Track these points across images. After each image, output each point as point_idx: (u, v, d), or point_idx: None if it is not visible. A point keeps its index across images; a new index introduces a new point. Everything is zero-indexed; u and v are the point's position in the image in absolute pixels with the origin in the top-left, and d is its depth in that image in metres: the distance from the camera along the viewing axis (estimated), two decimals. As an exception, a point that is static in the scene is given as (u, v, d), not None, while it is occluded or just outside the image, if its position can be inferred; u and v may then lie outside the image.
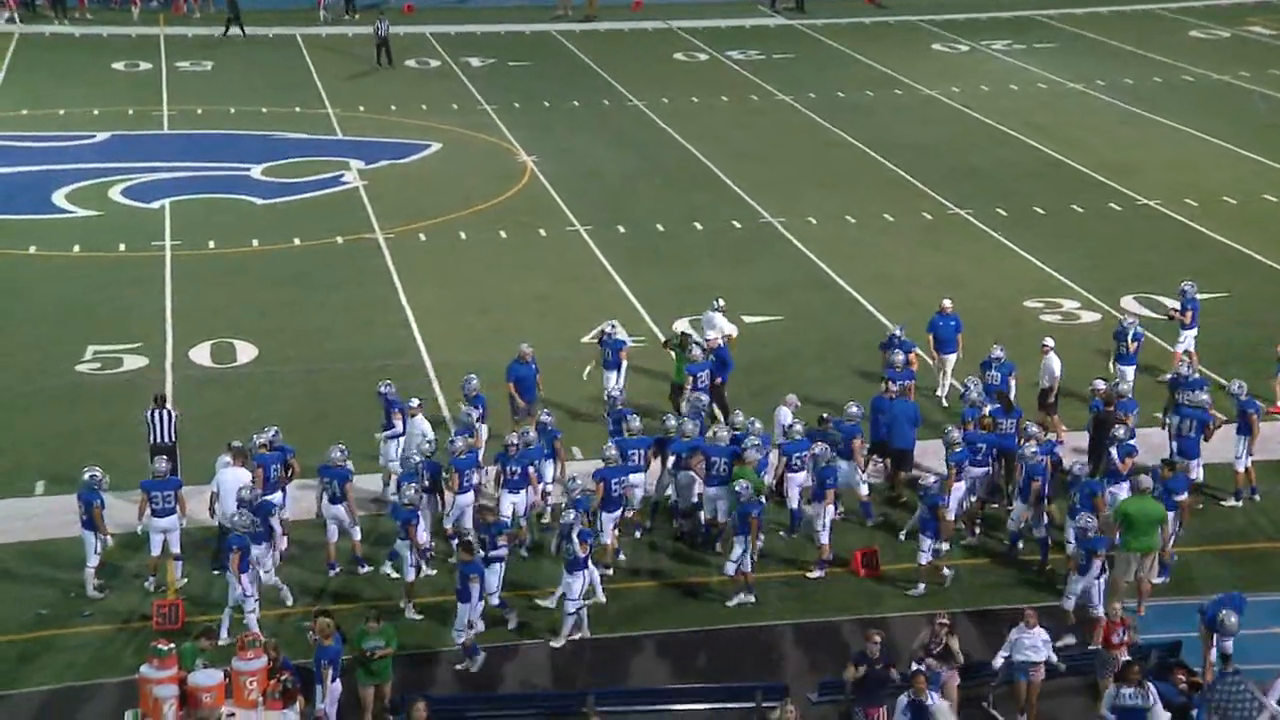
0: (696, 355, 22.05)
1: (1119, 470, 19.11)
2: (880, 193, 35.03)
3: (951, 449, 19.31)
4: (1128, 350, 22.80)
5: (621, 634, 17.55)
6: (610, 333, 22.53)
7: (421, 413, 20.18)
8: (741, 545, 17.82)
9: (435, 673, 16.72)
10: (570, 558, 17.02)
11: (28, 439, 22.06)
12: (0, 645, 16.94)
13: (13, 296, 27.68)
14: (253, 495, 17.77)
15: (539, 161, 36.86)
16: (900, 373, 21.66)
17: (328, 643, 15.20)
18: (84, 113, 40.14)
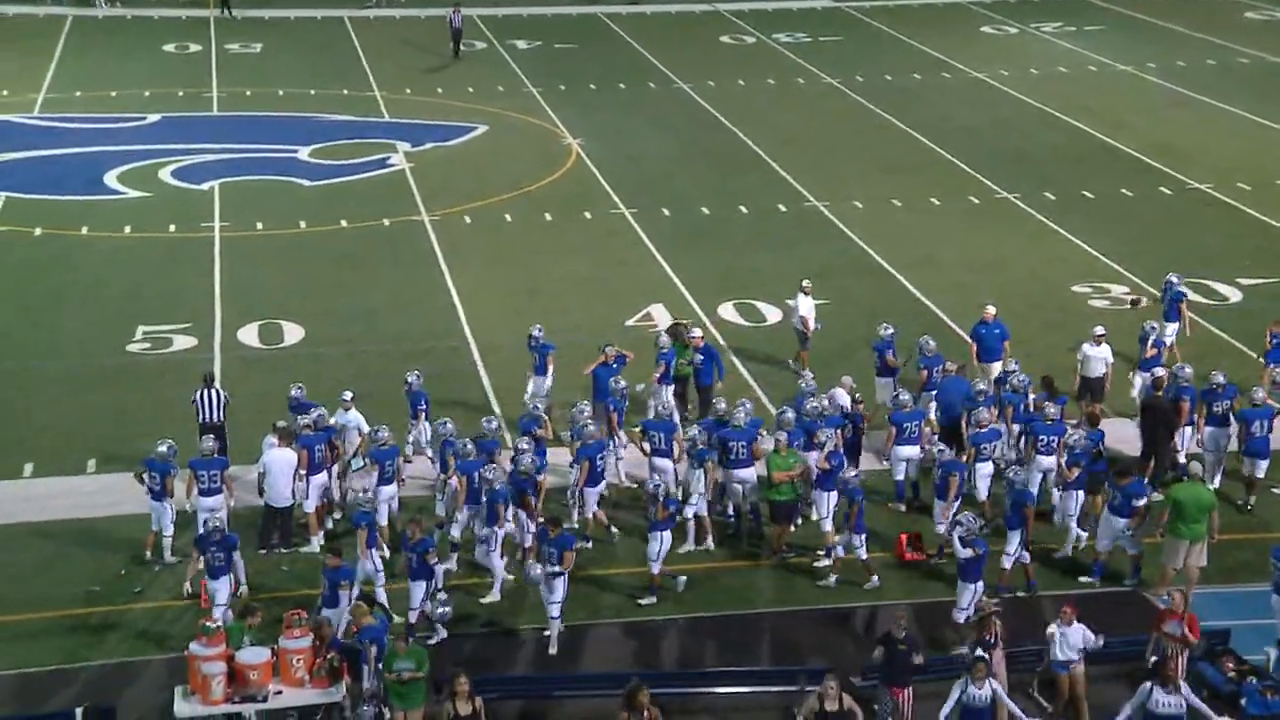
0: (665, 342, 21.79)
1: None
2: (927, 176, 34.80)
3: (976, 429, 19.27)
4: (1147, 355, 21.94)
5: (662, 616, 17.58)
6: (538, 336, 21.60)
7: (355, 406, 19.94)
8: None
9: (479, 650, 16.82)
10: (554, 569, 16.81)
11: (80, 418, 22.33)
12: (52, 621, 17.18)
13: (66, 276, 28.00)
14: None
15: (584, 144, 36.87)
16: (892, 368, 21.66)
17: (368, 621, 15.28)
18: (135, 94, 40.50)
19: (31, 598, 17.64)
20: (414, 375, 20.71)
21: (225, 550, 16.56)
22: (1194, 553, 17.69)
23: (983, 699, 14.45)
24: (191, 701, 14.74)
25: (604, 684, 16.03)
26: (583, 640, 17.13)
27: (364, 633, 15.17)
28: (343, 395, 20.05)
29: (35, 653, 16.55)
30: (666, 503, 17.57)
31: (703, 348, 22.00)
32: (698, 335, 22.32)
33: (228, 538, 16.65)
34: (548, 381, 21.41)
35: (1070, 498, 18.73)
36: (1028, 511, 17.71)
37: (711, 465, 18.70)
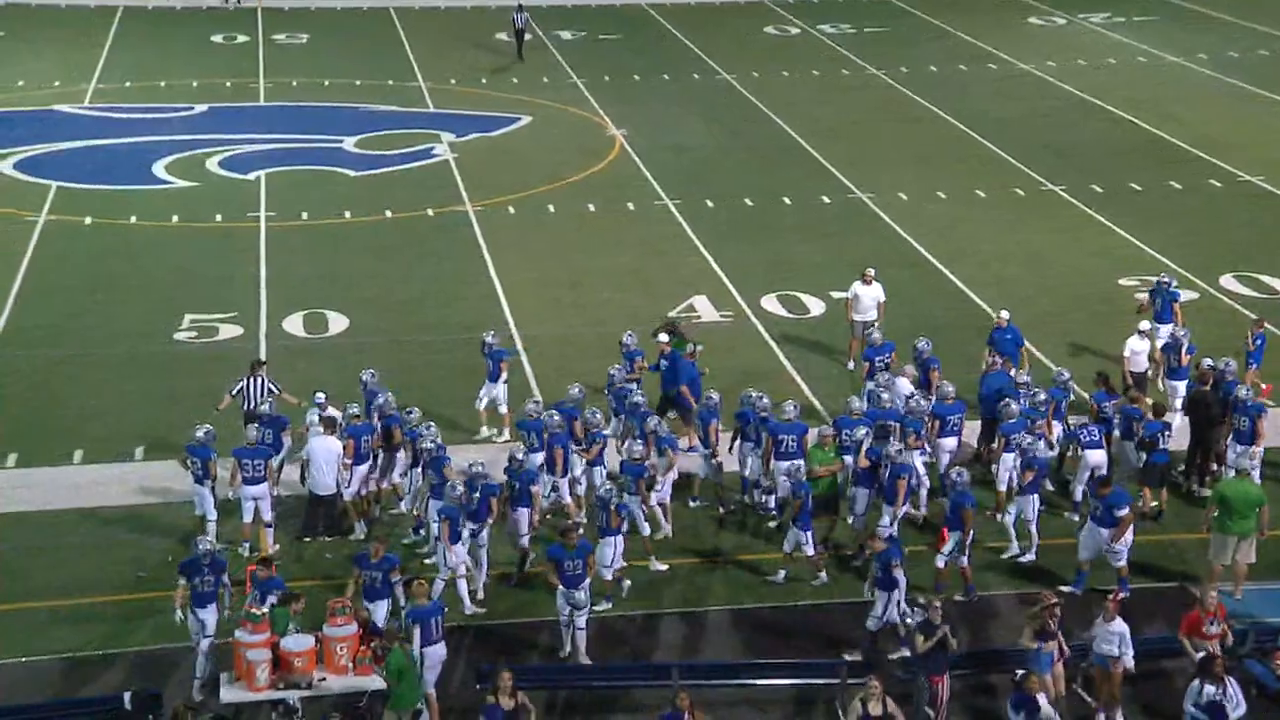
0: (630, 342, 21.52)
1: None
2: (972, 168, 34.60)
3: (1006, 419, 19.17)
4: (1179, 363, 21.44)
5: (700, 608, 17.59)
6: (491, 343, 21.11)
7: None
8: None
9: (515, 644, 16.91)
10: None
11: (128, 405, 22.58)
12: (101, 605, 17.40)
13: (115, 265, 28.29)
14: (472, 470, 17.50)
15: (628, 135, 36.88)
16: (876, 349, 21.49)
17: (423, 602, 15.33)
18: (183, 85, 40.84)
19: (80, 582, 17.87)
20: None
21: (216, 574, 15.70)
22: (1242, 549, 17.53)
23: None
24: (237, 687, 14.89)
25: (640, 675, 16.10)
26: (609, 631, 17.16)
27: (413, 612, 15.20)
28: (316, 397, 19.72)
29: (84, 637, 16.76)
30: (618, 509, 17.29)
31: (669, 354, 21.28)
32: (664, 340, 21.56)
33: (217, 561, 15.78)
34: (499, 387, 20.87)
35: (1027, 501, 18.31)
36: (966, 514, 17.34)
37: (671, 455, 18.80)
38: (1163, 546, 18.34)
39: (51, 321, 25.57)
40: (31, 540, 18.84)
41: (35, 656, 16.38)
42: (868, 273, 24.28)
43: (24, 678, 16.00)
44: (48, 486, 20.10)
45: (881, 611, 16.16)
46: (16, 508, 19.56)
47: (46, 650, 16.49)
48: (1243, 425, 19.40)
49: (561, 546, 16.35)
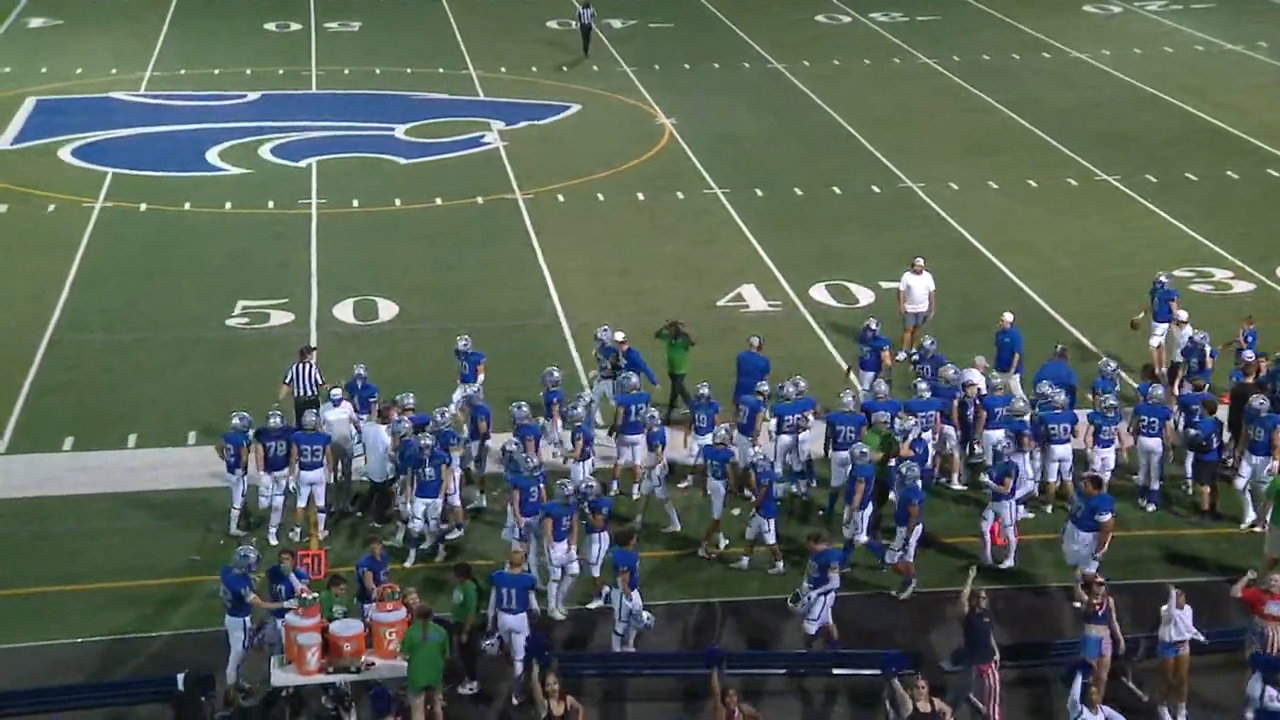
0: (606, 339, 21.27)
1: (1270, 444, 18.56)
2: (1024, 158, 34.33)
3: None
4: (1201, 366, 21.04)
5: (745, 597, 17.59)
6: (464, 349, 20.86)
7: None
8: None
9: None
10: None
11: (181, 390, 22.83)
12: (155, 589, 17.64)
13: (169, 252, 28.59)
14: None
15: (678, 124, 36.84)
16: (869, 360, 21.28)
17: (515, 570, 15.67)
18: (237, 73, 41.17)
19: (135, 566, 18.12)
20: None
21: (234, 595, 15.53)
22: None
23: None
24: (288, 671, 15.05)
25: (684, 663, 16.13)
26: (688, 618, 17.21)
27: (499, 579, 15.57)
28: (332, 392, 19.73)
29: (138, 619, 17.00)
30: (597, 504, 17.23)
31: (628, 351, 21.07)
32: (620, 338, 21.30)
33: (245, 579, 15.55)
34: (475, 387, 20.64)
35: (1005, 507, 18.06)
36: (912, 509, 17.18)
37: (660, 448, 18.73)
38: (1213, 539, 18.15)
39: (107, 307, 25.89)
40: (87, 523, 19.13)
41: (91, 637, 16.63)
42: (917, 262, 24.15)
43: (80, 658, 16.25)
44: (103, 470, 20.39)
45: (819, 613, 16.04)
46: (73, 490, 19.85)
47: (102, 631, 16.75)
48: (1258, 436, 18.85)
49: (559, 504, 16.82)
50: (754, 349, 21.15)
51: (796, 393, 19.58)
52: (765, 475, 17.81)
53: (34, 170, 32.60)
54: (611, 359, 21.13)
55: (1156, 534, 19.06)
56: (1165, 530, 19.16)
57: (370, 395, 19.92)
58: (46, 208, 30.52)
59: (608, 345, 21.23)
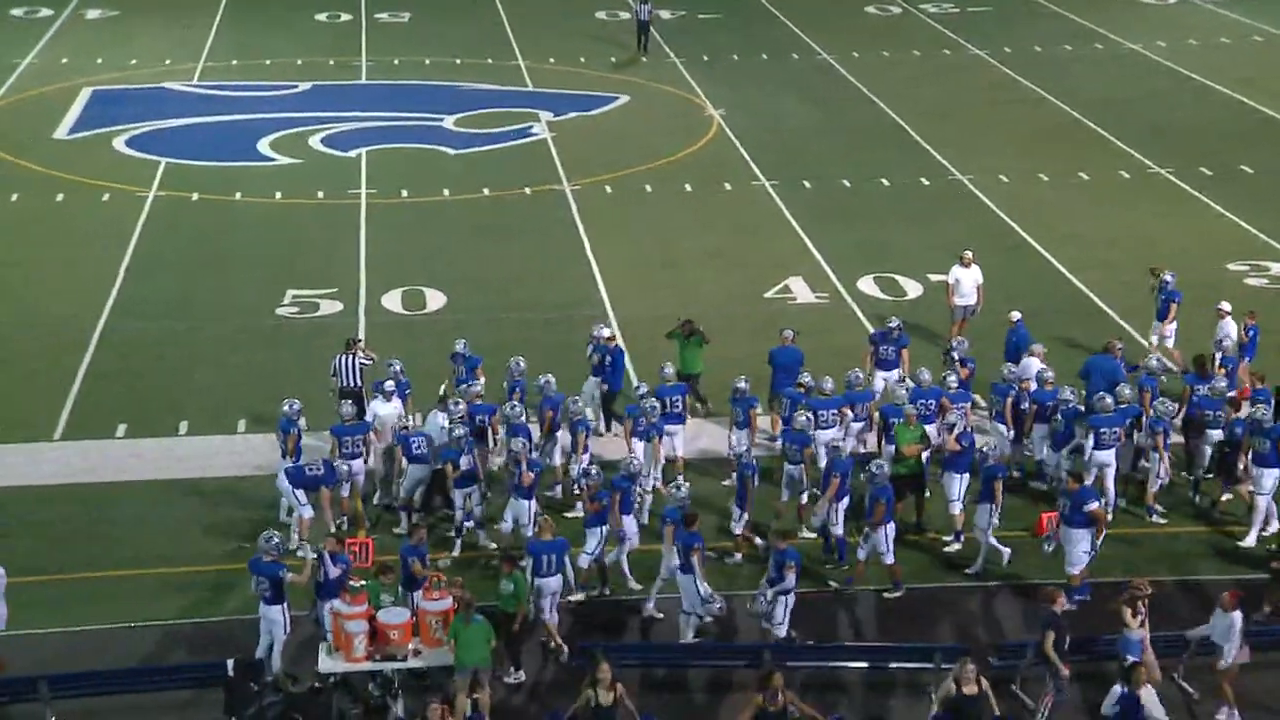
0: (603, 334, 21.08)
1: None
2: (1076, 151, 34.03)
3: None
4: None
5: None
6: (461, 351, 20.65)
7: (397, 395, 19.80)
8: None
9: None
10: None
11: (232, 378, 23.05)
12: (205, 575, 17.83)
13: (220, 241, 28.84)
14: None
15: (726, 115, 36.77)
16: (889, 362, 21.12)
17: (548, 537, 16.02)
18: (288, 63, 41.44)
19: (186, 552, 18.32)
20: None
21: (273, 582, 15.58)
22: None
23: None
24: (335, 658, 15.18)
25: (734, 655, 16.14)
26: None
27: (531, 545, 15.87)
28: (383, 384, 19.73)
29: (189, 605, 17.21)
30: (596, 496, 17.25)
31: (612, 348, 20.88)
32: (607, 334, 21.19)
33: (278, 564, 15.61)
34: (478, 386, 20.27)
35: (983, 511, 17.85)
36: (879, 507, 17.02)
37: (656, 441, 18.79)
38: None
39: (159, 295, 26.15)
40: (139, 509, 19.36)
41: (142, 622, 16.84)
42: (966, 255, 24.01)
43: (131, 643, 16.47)
44: (155, 457, 20.62)
45: (781, 616, 15.97)
46: (125, 477, 20.10)
47: (153, 616, 16.96)
48: (1262, 447, 18.40)
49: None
50: (789, 342, 21.09)
51: (832, 389, 19.53)
52: (748, 467, 17.86)
53: (89, 160, 32.97)
54: (598, 357, 20.94)
55: (1207, 531, 18.91)
56: (1216, 528, 19.00)
57: (405, 390, 19.94)
58: (101, 197, 30.87)
59: (599, 343, 21.02)
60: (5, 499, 19.47)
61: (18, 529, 18.80)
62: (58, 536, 18.68)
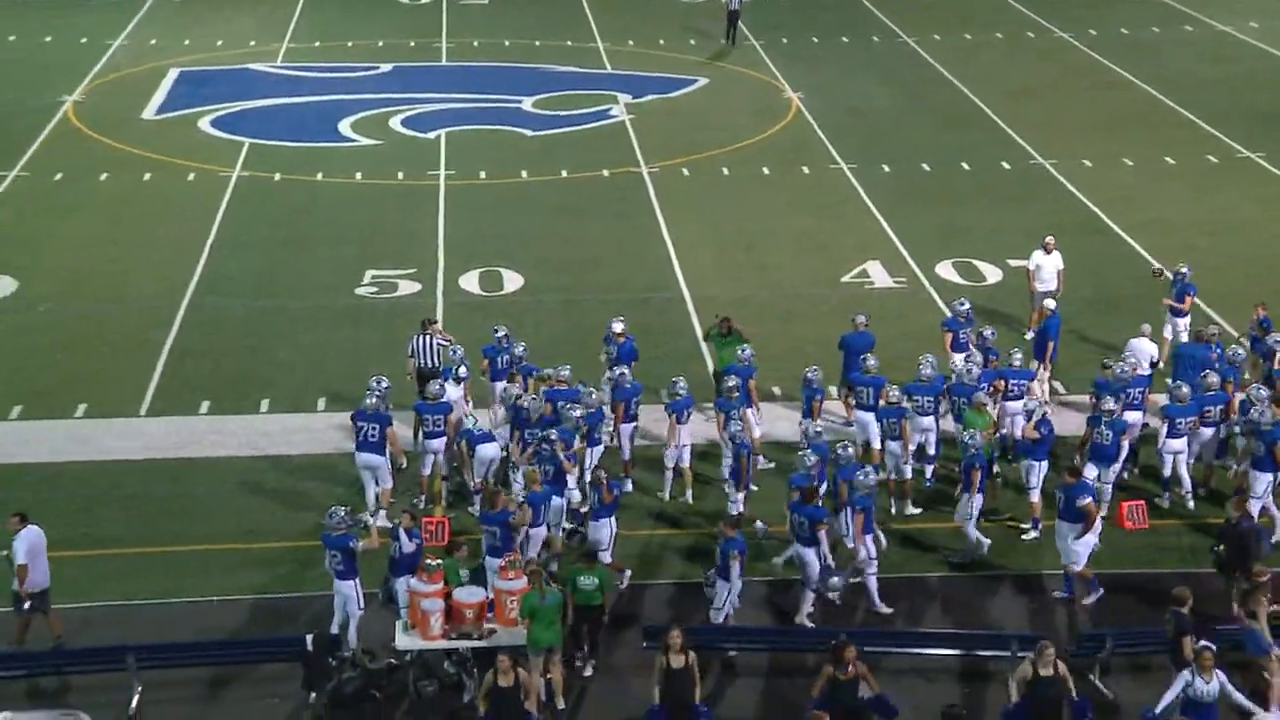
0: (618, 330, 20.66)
1: None
2: (1162, 134, 33.47)
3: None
4: (1272, 369, 20.13)
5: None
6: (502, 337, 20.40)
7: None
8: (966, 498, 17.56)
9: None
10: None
11: (313, 357, 23.35)
12: (288, 550, 18.08)
13: (303, 221, 29.19)
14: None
15: (805, 98, 36.56)
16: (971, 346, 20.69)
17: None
18: (370, 45, 41.80)
19: (269, 528, 18.62)
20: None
21: (345, 553, 15.68)
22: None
23: (1209, 693, 13.94)
24: (411, 635, 15.36)
25: (800, 639, 16.14)
26: (777, 596, 17.22)
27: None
28: (453, 369, 19.75)
29: (271, 580, 17.50)
30: (610, 485, 17.13)
31: (625, 344, 20.50)
32: (618, 329, 20.72)
33: (348, 536, 15.73)
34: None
35: (968, 502, 17.58)
36: (858, 518, 16.72)
37: (673, 421, 18.79)
38: None
39: (242, 274, 26.53)
40: (221, 485, 19.69)
41: (225, 596, 17.15)
42: (1048, 241, 23.73)
43: (214, 616, 16.76)
44: (237, 433, 20.96)
45: (722, 603, 15.90)
46: (209, 453, 20.45)
47: (233, 591, 17.25)
48: (1258, 451, 17.88)
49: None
50: (861, 327, 20.91)
51: (932, 374, 19.35)
52: (744, 447, 17.84)
53: (176, 140, 33.49)
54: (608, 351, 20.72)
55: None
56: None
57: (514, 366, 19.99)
58: (187, 176, 31.36)
59: (612, 337, 20.73)
60: (94, 473, 19.90)
61: (105, 502, 19.21)
62: (143, 510, 19.06)
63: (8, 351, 23.41)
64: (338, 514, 15.89)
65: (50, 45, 40.59)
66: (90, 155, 32.35)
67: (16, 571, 15.64)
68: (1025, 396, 19.43)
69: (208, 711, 15.34)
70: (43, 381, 22.38)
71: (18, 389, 22.08)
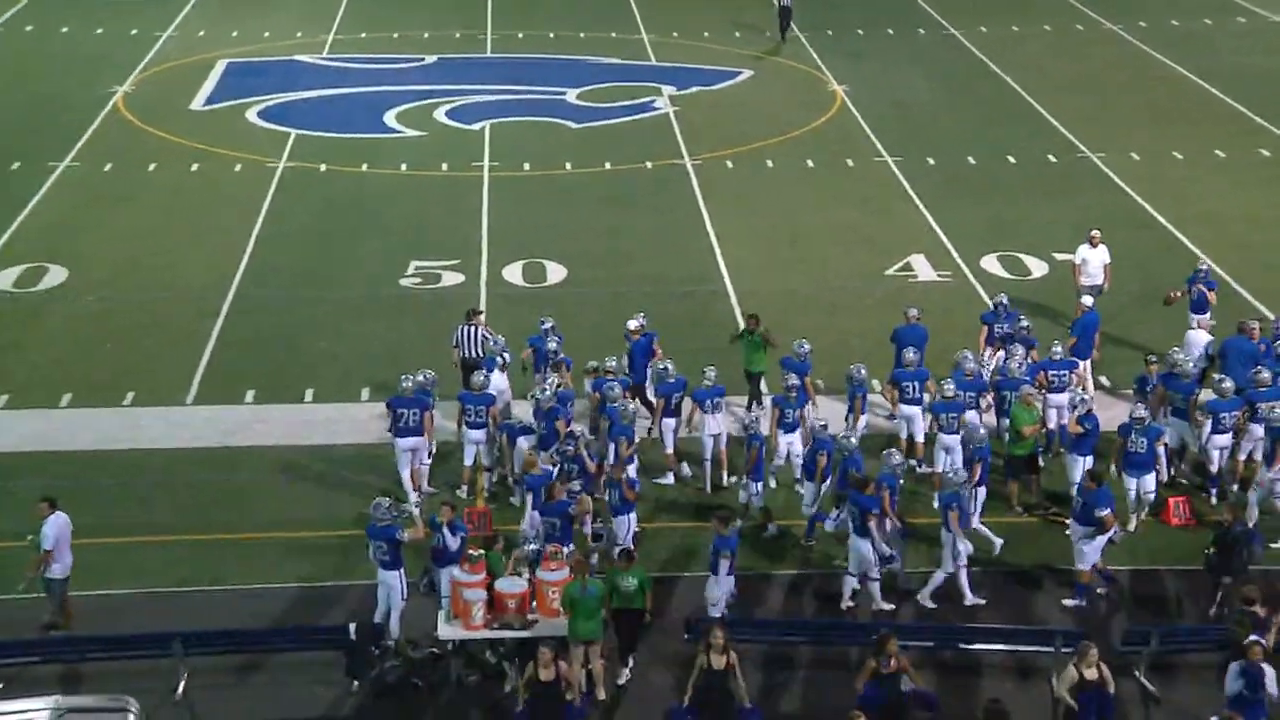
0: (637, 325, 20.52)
1: None
2: (1213, 128, 33.09)
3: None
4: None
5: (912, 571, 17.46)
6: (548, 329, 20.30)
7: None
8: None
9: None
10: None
11: (356, 348, 23.47)
12: (331, 539, 18.20)
13: (347, 212, 29.32)
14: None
15: (849, 90, 36.39)
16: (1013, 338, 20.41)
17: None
18: (415, 36, 41.94)
19: (313, 517, 18.76)
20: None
21: (390, 544, 15.82)
22: None
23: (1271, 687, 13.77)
24: (454, 625, 15.44)
25: (847, 633, 16.10)
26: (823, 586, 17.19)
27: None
28: (495, 359, 19.77)
29: (315, 569, 17.62)
30: (630, 483, 17.12)
31: (640, 341, 20.33)
32: (633, 325, 20.54)
33: (393, 527, 15.83)
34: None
35: (971, 497, 17.43)
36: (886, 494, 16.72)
37: (695, 408, 18.84)
38: None
39: (287, 265, 26.70)
40: (267, 474, 19.85)
41: (268, 584, 17.29)
42: (1094, 234, 23.52)
43: (258, 605, 16.90)
44: (282, 423, 21.11)
45: (716, 599, 15.89)
46: (254, 442, 20.61)
47: (275, 579, 17.39)
48: (1266, 446, 17.82)
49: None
50: (913, 321, 20.79)
51: (974, 368, 19.28)
52: (756, 438, 17.80)
53: (223, 131, 33.74)
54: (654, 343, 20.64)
55: None
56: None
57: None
58: (234, 166, 31.59)
59: (628, 334, 20.65)
60: (140, 461, 20.10)
61: (150, 490, 19.41)
62: (188, 499, 19.24)
63: (58, 340, 23.68)
64: (382, 505, 15.98)
65: (101, 37, 40.98)
66: (140, 146, 32.65)
67: (41, 556, 15.87)
68: (1068, 389, 19.30)
69: (252, 697, 15.47)
70: (92, 370, 22.62)
71: (68, 377, 22.32)
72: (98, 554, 17.36)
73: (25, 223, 28.27)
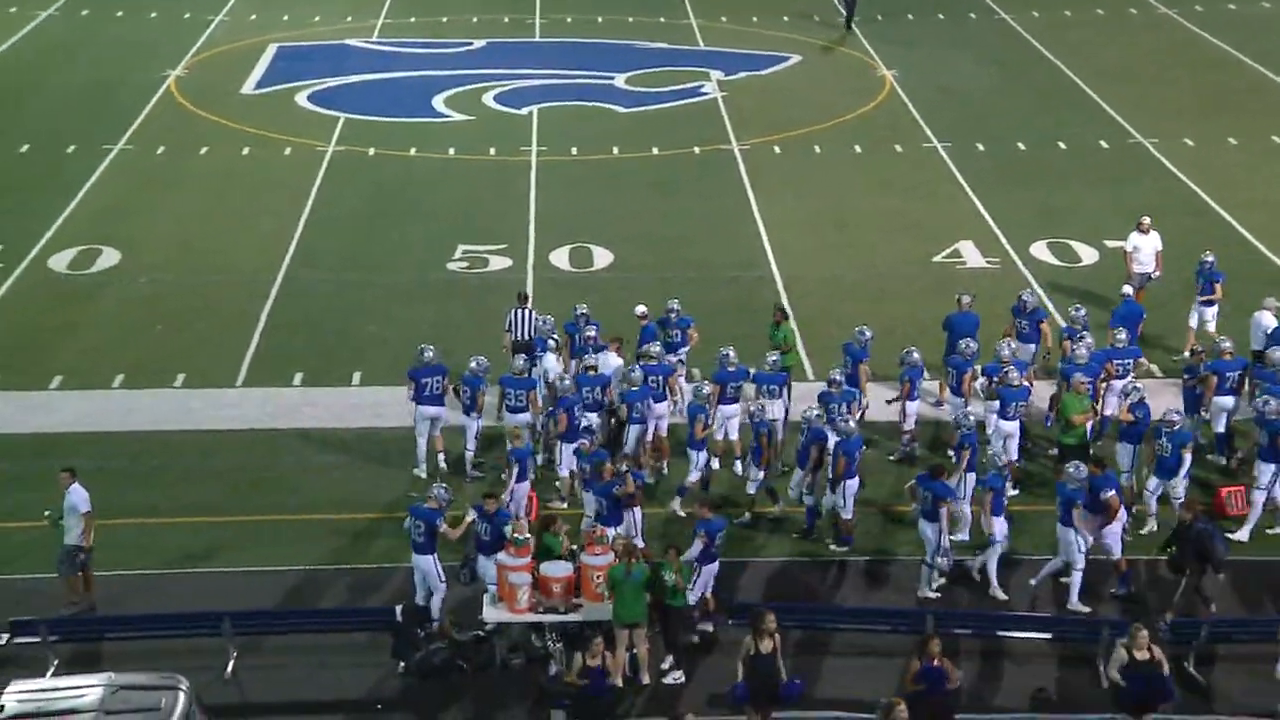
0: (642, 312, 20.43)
1: None
2: (1270, 114, 32.65)
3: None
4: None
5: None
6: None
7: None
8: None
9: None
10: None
11: (404, 332, 23.49)
12: (377, 522, 18.30)
13: (395, 196, 29.46)
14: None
15: (899, 76, 36.15)
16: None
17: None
18: (464, 21, 42.02)
19: (355, 499, 18.89)
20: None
21: (429, 528, 15.90)
22: None
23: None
24: (499, 608, 15.52)
25: (892, 620, 16.06)
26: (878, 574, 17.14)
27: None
28: (547, 341, 19.81)
29: (361, 552, 17.77)
30: (634, 475, 17.03)
31: (647, 328, 20.15)
32: (640, 311, 20.45)
33: (437, 511, 15.94)
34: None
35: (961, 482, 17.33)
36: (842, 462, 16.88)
37: (717, 391, 18.71)
38: None
39: (336, 248, 26.86)
40: (314, 456, 20.01)
41: (315, 566, 17.44)
42: (1144, 221, 23.27)
43: (304, 586, 17.07)
44: (330, 406, 21.26)
45: (701, 585, 15.85)
46: (302, 424, 20.78)
47: (322, 560, 17.54)
48: (1262, 439, 17.49)
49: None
50: (966, 307, 20.65)
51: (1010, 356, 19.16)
52: (763, 425, 17.75)
53: (273, 114, 33.97)
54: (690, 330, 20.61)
55: None
56: None
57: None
58: (284, 150, 31.80)
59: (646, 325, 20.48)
60: (190, 442, 20.31)
61: (200, 471, 19.61)
62: (236, 480, 19.43)
63: (111, 322, 23.96)
64: (443, 494, 16.09)
65: (154, 21, 41.32)
66: (191, 129, 32.92)
67: (85, 521, 16.11)
68: (1129, 375, 19.16)
69: (299, 677, 15.62)
70: (143, 352, 22.87)
71: (120, 359, 22.59)
72: (144, 533, 17.60)
73: (80, 206, 28.60)
